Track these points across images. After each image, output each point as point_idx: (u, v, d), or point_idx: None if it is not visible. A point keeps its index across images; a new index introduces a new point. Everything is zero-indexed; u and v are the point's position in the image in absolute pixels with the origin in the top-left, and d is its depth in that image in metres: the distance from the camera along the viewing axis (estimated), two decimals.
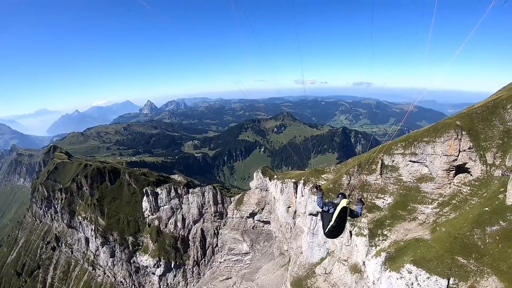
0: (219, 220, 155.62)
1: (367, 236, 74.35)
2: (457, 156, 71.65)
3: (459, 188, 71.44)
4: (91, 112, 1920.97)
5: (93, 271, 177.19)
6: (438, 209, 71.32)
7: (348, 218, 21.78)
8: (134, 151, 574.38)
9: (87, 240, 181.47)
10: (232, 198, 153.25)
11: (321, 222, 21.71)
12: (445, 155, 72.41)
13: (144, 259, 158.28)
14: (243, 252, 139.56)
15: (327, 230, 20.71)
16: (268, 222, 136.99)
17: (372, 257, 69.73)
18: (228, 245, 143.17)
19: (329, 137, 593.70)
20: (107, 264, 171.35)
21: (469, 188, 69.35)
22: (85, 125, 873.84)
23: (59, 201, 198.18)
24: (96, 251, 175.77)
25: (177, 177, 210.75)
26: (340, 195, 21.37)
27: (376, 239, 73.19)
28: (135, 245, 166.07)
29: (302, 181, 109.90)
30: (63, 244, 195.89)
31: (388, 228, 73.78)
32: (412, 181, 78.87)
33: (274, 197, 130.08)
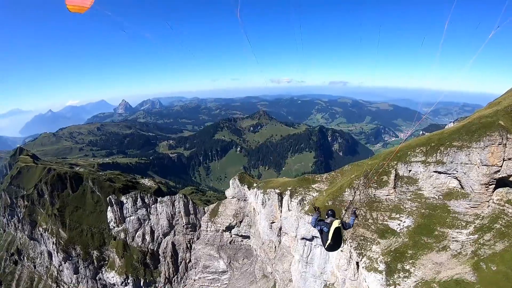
0: (192, 232, 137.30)
1: (384, 272, 56.43)
2: (501, 166, 54.49)
3: (501, 208, 54.44)
4: (64, 112, 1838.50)
5: None
6: (476, 236, 54.19)
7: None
8: (107, 152, 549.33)
9: (50, 254, 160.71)
10: (206, 208, 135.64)
11: (320, 238, 23.40)
12: (484, 165, 55.15)
13: (111, 276, 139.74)
14: (220, 270, 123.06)
15: (326, 246, 21.81)
16: (247, 237, 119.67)
17: None
18: (203, 262, 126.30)
19: (306, 136, 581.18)
20: (71, 281, 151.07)
21: None
22: (59, 125, 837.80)
23: (22, 209, 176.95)
24: (59, 266, 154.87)
25: (147, 181, 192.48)
26: (330, 213, 22.57)
27: (396, 276, 55.50)
28: (100, 260, 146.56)
29: (288, 192, 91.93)
30: (25, 258, 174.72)
31: (410, 261, 56.13)
32: (437, 197, 61.37)
33: (254, 209, 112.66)
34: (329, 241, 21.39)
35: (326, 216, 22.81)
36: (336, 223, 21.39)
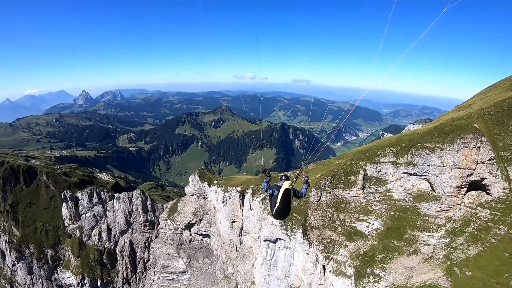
0: (150, 230, 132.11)
1: (352, 277, 53.85)
2: (474, 169, 52.86)
3: (473, 211, 52.89)
4: (23, 102, 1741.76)
5: None
6: (448, 239, 52.42)
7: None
8: (66, 144, 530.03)
9: (2, 253, 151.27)
10: (164, 205, 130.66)
11: (269, 205, 22.84)
12: (457, 168, 53.37)
13: (67, 277, 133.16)
14: (179, 270, 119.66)
15: (274, 212, 20.71)
16: (207, 236, 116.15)
17: None
18: (162, 262, 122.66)
19: (268, 133, 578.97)
20: (26, 282, 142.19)
21: (488, 211, 51.19)
22: (16, 115, 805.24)
23: None
24: (13, 266, 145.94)
25: (104, 176, 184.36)
26: (283, 178, 21.27)
27: (365, 281, 53.17)
28: (55, 259, 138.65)
29: (250, 191, 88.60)
30: None
31: (380, 266, 53.85)
32: (407, 199, 59.36)
33: (214, 207, 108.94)
34: (277, 204, 20.27)
35: (279, 180, 21.22)
36: (286, 184, 20.12)
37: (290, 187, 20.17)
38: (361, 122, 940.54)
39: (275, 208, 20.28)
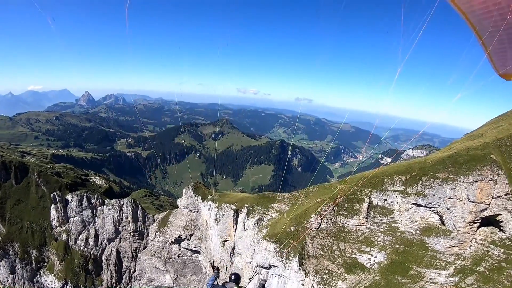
0: (139, 241, 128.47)
1: None
2: (489, 204, 48.88)
3: (485, 249, 48.88)
4: (25, 97, 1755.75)
5: None
6: (456, 278, 48.11)
7: None
8: (63, 144, 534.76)
9: None
10: (155, 216, 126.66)
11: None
12: (471, 202, 49.31)
13: (49, 280, 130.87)
14: (166, 285, 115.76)
15: None
16: (197, 252, 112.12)
17: None
18: (148, 274, 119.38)
19: (267, 149, 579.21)
20: (7, 281, 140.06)
21: (502, 250, 47.41)
22: (17, 109, 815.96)
23: None
24: None
25: (98, 180, 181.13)
26: (233, 278, 19.74)
27: None
28: (39, 261, 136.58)
29: (245, 210, 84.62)
30: None
31: None
32: (414, 232, 55.05)
33: (206, 222, 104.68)
34: None
35: (228, 280, 20.17)
36: None
37: None
38: (361, 144, 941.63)
39: None
